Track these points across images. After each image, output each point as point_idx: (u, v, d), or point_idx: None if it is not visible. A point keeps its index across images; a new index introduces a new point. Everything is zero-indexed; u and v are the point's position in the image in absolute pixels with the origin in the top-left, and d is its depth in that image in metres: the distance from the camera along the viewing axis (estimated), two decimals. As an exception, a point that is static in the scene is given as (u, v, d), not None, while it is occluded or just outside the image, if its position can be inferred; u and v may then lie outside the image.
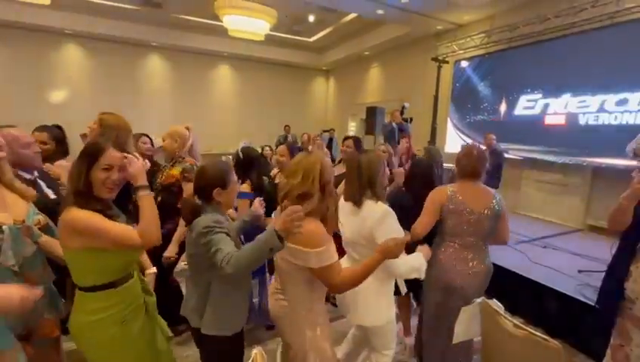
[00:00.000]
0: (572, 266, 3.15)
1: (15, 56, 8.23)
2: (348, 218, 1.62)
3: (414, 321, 2.36)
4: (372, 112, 6.48)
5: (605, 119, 4.37)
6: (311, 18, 7.95)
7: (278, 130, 9.38)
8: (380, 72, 9.43)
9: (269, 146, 5.56)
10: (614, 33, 4.20)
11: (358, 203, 1.58)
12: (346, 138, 2.85)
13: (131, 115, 2.17)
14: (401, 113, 5.11)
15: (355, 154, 1.72)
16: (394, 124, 5.06)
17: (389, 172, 1.82)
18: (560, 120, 4.89)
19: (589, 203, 4.74)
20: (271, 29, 7.86)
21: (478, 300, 1.53)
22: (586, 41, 4.50)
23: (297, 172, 1.29)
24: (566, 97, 4.82)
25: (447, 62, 6.49)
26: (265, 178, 2.62)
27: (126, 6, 7.58)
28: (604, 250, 3.25)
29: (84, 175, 1.17)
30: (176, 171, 2.26)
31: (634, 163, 3.04)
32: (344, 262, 1.68)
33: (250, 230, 1.73)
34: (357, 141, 2.80)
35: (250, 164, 2.44)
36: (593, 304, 2.48)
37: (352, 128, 10.46)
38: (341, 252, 1.53)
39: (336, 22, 8.20)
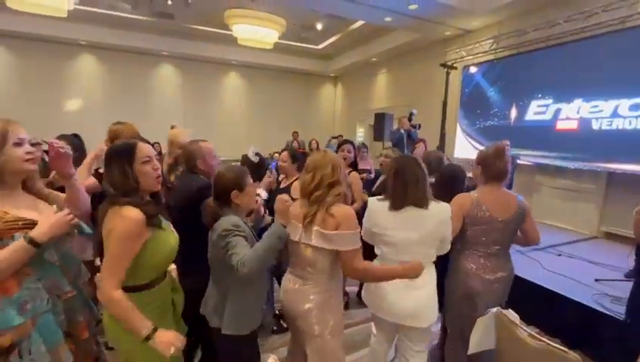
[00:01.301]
0: (588, 274, 3.08)
1: (31, 66, 8.51)
2: (409, 222, 1.59)
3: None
4: (380, 118, 6.49)
5: (620, 124, 4.29)
6: (319, 26, 8.04)
7: (286, 136, 9.45)
8: (387, 78, 9.45)
9: (278, 153, 5.59)
10: (626, 37, 4.14)
11: (426, 205, 1.59)
12: (344, 142, 2.96)
13: (144, 123, 2.25)
14: (409, 119, 5.10)
15: (403, 160, 1.72)
16: (402, 131, 5.05)
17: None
18: (572, 125, 4.82)
19: (604, 209, 4.63)
20: (279, 37, 7.99)
21: (493, 310, 1.51)
22: (596, 46, 4.44)
23: (326, 164, 1.45)
24: (578, 102, 4.75)
25: (456, 68, 6.47)
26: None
27: (139, 17, 7.79)
28: (621, 258, 3.19)
29: (131, 172, 1.19)
30: None
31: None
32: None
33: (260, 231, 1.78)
34: (355, 146, 2.96)
35: (260, 168, 2.53)
36: (614, 315, 2.42)
37: (361, 134, 10.47)
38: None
39: (343, 29, 8.27)
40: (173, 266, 1.67)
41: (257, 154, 2.86)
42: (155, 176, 1.25)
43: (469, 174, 2.30)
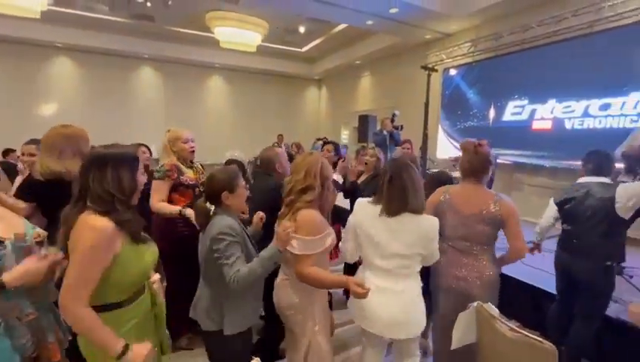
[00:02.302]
0: (564, 268, 3.19)
1: (5, 69, 8.18)
2: (398, 230, 1.54)
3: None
4: (364, 120, 6.56)
5: (590, 123, 4.50)
6: (302, 29, 8.07)
7: (272, 139, 9.40)
8: (371, 81, 9.57)
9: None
10: (594, 40, 4.35)
11: (421, 211, 1.55)
12: (326, 143, 3.03)
13: (124, 126, 2.21)
14: (392, 121, 5.18)
15: (399, 164, 1.62)
16: (385, 132, 5.12)
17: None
18: (547, 125, 5.02)
19: (579, 205, 4.83)
20: (262, 40, 7.98)
21: (474, 305, 1.55)
22: (567, 49, 4.65)
23: (301, 169, 1.48)
24: (552, 103, 4.95)
25: (437, 70, 6.62)
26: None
27: (118, 19, 7.62)
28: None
29: (136, 180, 1.19)
30: (191, 173, 2.33)
31: (621, 165, 3.13)
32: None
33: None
34: (337, 146, 3.11)
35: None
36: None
37: (345, 136, 10.55)
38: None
39: (326, 32, 8.34)
40: (156, 276, 1.63)
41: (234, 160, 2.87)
42: (141, 189, 1.25)
43: (456, 174, 2.36)
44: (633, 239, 3.16)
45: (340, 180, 2.58)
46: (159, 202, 2.14)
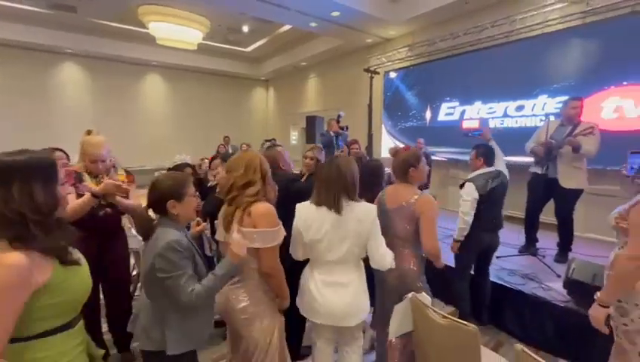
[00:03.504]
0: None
1: None
2: (335, 220, 1.58)
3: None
4: (311, 121, 6.63)
5: (509, 123, 5.07)
6: (245, 28, 7.91)
7: (218, 141, 9.06)
8: (317, 82, 9.70)
9: (208, 159, 5.33)
10: (510, 49, 4.91)
11: (356, 199, 1.61)
12: (270, 143, 3.03)
13: (43, 127, 1.95)
14: (338, 121, 5.30)
15: (330, 161, 1.67)
16: (331, 133, 5.22)
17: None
18: (475, 124, 5.54)
19: (503, 196, 5.42)
20: (204, 38, 7.65)
21: (409, 296, 1.65)
22: (488, 56, 5.19)
23: (239, 165, 1.46)
24: (478, 104, 5.49)
25: (378, 73, 6.94)
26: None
27: (35, 9, 6.74)
28: (514, 236, 3.79)
29: (55, 194, 0.98)
30: (94, 183, 2.06)
31: (531, 159, 3.57)
32: None
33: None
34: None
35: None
36: (511, 286, 2.83)
37: (294, 137, 10.56)
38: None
39: (271, 32, 8.26)
40: None
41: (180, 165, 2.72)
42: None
43: (388, 170, 2.54)
44: (544, 223, 3.62)
45: None
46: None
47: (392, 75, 6.94)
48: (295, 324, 2.08)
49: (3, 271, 0.87)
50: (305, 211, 1.66)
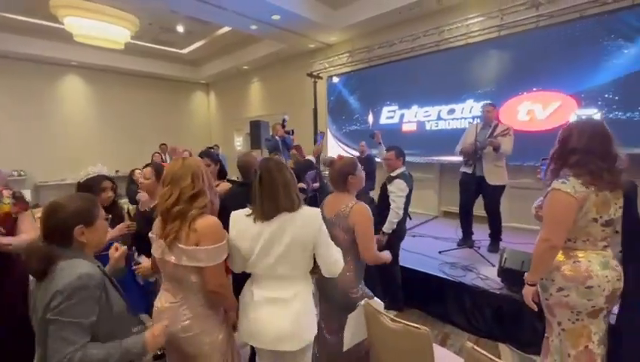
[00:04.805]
0: (434, 248, 3.77)
1: None
2: (278, 231, 1.41)
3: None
4: (256, 126, 6.45)
5: (442, 125, 5.46)
6: (180, 28, 7.42)
7: (152, 149, 8.35)
8: (261, 87, 9.50)
9: (140, 169, 4.85)
10: (440, 57, 5.30)
11: (297, 208, 1.44)
12: (203, 152, 2.86)
13: None
14: (283, 126, 5.22)
15: (266, 163, 1.50)
16: (277, 137, 5.12)
17: None
18: (413, 127, 5.88)
19: (440, 193, 5.82)
20: (134, 38, 7.00)
21: (362, 303, 1.63)
22: (423, 63, 5.55)
23: (185, 175, 1.31)
24: (415, 108, 5.83)
25: (321, 77, 7.01)
26: (131, 206, 2.29)
27: None
28: (453, 230, 4.07)
29: None
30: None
31: (460, 158, 3.89)
32: None
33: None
34: (213, 155, 2.89)
35: None
36: (453, 279, 3.01)
37: (239, 143, 10.21)
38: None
39: (210, 34, 7.87)
40: None
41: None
42: None
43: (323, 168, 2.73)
44: (478, 216, 3.94)
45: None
46: None
47: (335, 79, 7.07)
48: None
49: None
50: (239, 220, 1.47)
